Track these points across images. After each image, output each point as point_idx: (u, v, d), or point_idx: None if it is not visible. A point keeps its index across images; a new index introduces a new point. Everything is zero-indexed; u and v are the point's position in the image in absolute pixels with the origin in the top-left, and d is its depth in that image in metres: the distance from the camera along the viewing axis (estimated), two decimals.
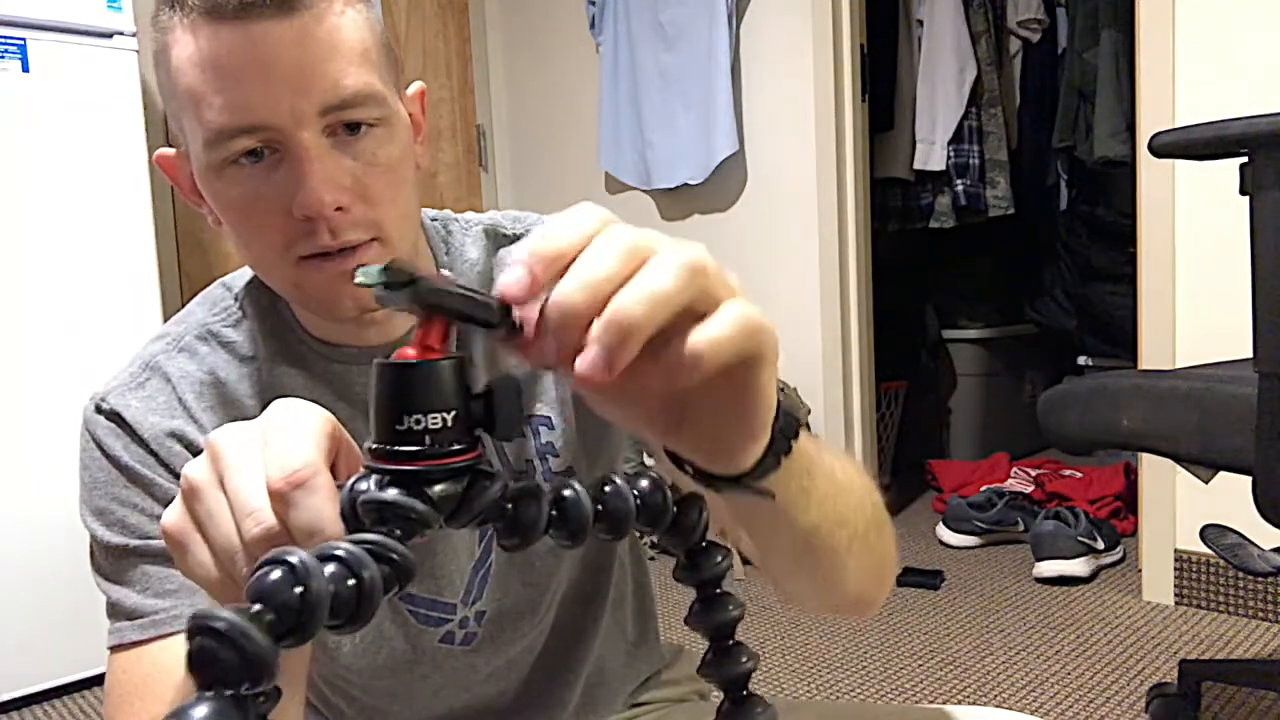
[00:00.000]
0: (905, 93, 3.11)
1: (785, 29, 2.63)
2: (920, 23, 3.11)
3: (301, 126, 0.58)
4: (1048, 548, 2.33)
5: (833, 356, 2.64)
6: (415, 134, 0.69)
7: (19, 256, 1.88)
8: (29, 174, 1.89)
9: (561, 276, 0.34)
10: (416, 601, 0.71)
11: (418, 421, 0.34)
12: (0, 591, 1.88)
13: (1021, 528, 2.58)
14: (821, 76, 2.58)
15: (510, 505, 0.36)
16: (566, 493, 0.36)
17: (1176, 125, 1.97)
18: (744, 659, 0.40)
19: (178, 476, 0.65)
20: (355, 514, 0.35)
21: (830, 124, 2.58)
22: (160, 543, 0.64)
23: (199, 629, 0.27)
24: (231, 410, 0.69)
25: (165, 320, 0.76)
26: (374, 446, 0.35)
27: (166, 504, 0.64)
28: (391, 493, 0.34)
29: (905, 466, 3.26)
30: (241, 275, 0.74)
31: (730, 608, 0.40)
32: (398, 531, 0.33)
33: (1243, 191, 1.03)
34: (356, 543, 0.32)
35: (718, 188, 2.79)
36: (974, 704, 1.73)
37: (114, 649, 0.65)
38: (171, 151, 0.67)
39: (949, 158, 3.09)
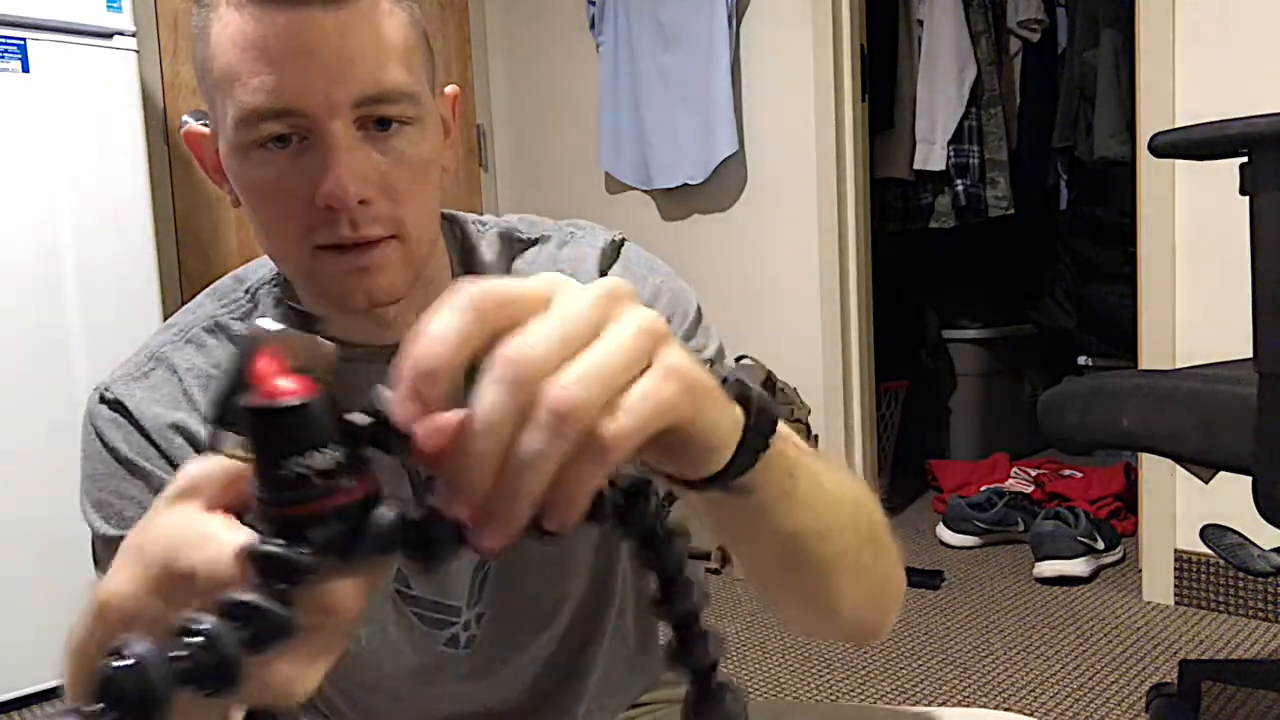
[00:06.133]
0: (905, 93, 3.11)
1: (785, 29, 2.63)
2: (920, 23, 3.11)
3: (334, 116, 0.58)
4: (1048, 548, 2.33)
5: (833, 356, 2.64)
6: (444, 136, 0.69)
7: (18, 256, 1.88)
8: (29, 174, 1.89)
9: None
10: (422, 604, 0.71)
11: (293, 465, 0.31)
12: (1, 591, 1.88)
13: (1021, 528, 2.58)
14: (821, 76, 2.58)
15: (416, 528, 0.33)
16: None
17: (1176, 125, 1.97)
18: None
19: (176, 467, 0.65)
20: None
21: (830, 124, 2.58)
22: None
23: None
24: None
25: (165, 320, 0.76)
26: (259, 497, 0.33)
27: None
28: (274, 545, 0.32)
29: (905, 466, 3.26)
30: (254, 268, 0.74)
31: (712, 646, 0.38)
32: (282, 586, 0.32)
33: (1243, 191, 1.03)
34: (225, 606, 0.31)
35: (718, 188, 2.79)
36: (974, 704, 1.73)
37: None
38: (200, 127, 0.67)
39: (949, 158, 3.09)
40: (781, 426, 0.44)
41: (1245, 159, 1.03)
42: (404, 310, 0.68)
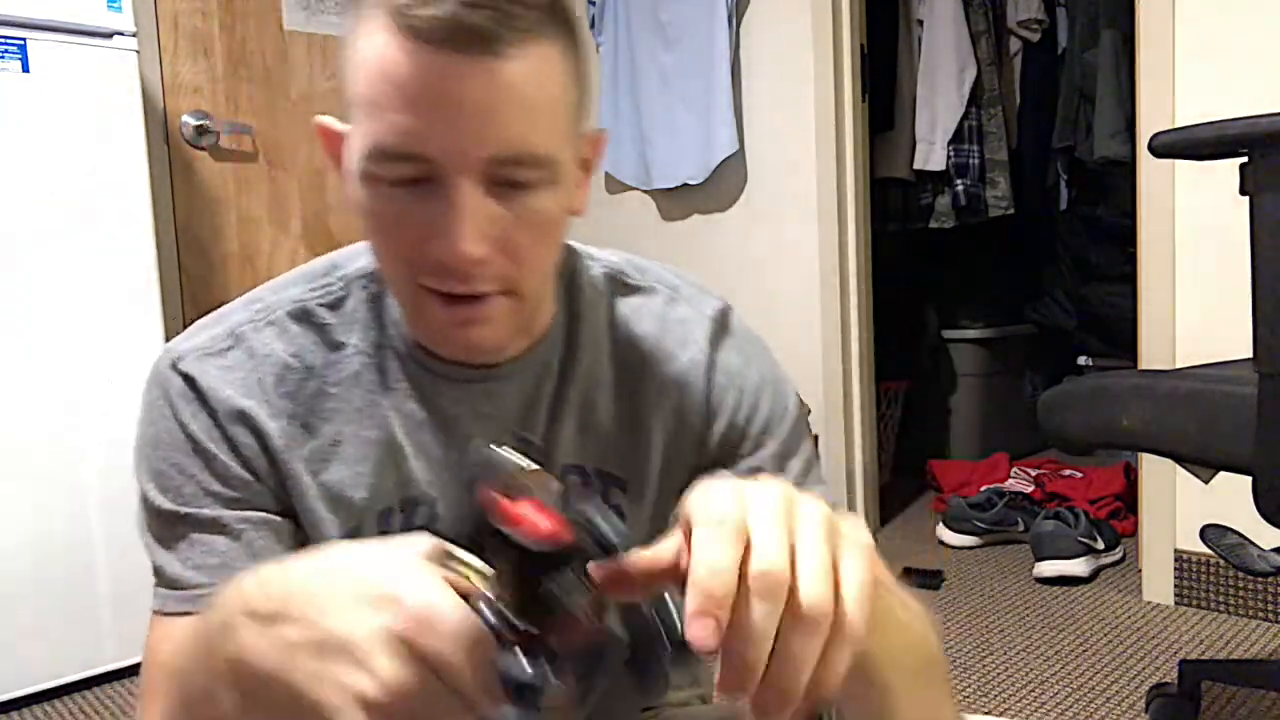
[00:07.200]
0: (905, 93, 3.11)
1: (785, 29, 2.63)
2: (920, 23, 3.10)
3: (464, 171, 0.55)
4: (1048, 548, 2.33)
5: (833, 356, 2.64)
6: (584, 176, 0.66)
7: (18, 257, 1.88)
8: (29, 174, 1.89)
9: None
10: None
11: (558, 599, 0.37)
12: (1, 591, 1.88)
13: (1021, 528, 2.58)
14: (821, 76, 2.58)
15: (627, 665, 0.38)
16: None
17: (1176, 125, 1.97)
18: None
19: (238, 454, 0.65)
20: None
21: (830, 124, 2.58)
22: (208, 511, 0.64)
23: None
24: (311, 398, 0.67)
25: (165, 321, 0.75)
26: (511, 622, 0.37)
27: (222, 480, 0.65)
28: (530, 674, 0.37)
29: (905, 466, 3.26)
30: (353, 255, 0.71)
31: None
32: (533, 710, 0.37)
33: (1243, 191, 1.03)
34: None
35: (718, 188, 2.79)
36: (974, 704, 1.73)
37: (157, 612, 0.64)
38: (337, 125, 0.64)
39: (949, 158, 3.08)
40: None
41: (1245, 159, 1.03)
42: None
